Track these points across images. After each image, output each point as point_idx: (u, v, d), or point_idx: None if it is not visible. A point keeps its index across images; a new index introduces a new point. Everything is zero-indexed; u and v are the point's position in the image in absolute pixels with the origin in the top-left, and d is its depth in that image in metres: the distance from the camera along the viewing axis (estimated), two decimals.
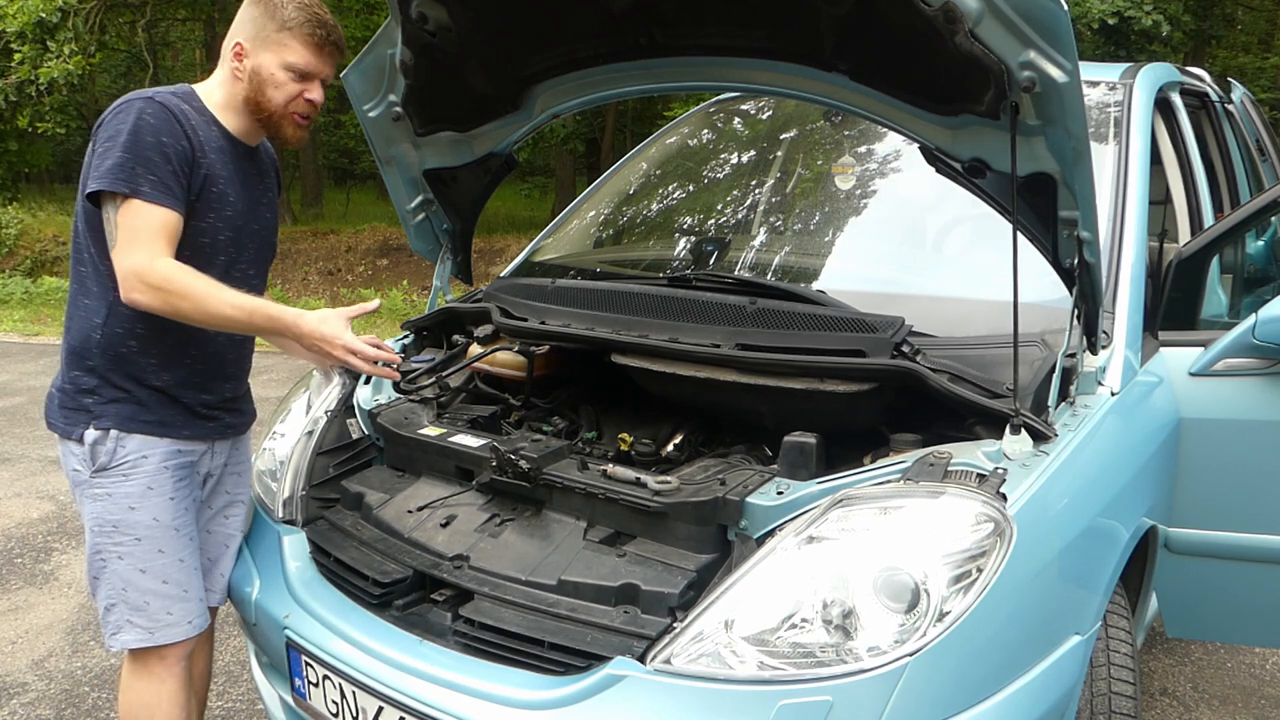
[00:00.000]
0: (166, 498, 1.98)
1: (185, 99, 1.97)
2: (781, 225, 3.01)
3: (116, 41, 12.44)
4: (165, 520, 1.97)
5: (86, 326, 1.96)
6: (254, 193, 2.09)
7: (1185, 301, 2.44)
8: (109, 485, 1.95)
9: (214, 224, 1.98)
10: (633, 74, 2.19)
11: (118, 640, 1.99)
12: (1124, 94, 2.70)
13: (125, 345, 1.95)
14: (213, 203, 1.97)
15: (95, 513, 1.96)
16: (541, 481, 1.87)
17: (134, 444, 1.95)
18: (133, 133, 1.84)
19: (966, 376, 1.80)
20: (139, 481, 1.95)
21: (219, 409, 2.10)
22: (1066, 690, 1.69)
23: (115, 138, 1.84)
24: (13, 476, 4.95)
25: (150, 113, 1.86)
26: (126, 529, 1.95)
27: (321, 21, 2.00)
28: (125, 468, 1.95)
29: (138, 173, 1.82)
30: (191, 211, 1.93)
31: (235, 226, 2.02)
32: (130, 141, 1.83)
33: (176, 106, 1.91)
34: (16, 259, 12.73)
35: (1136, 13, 8.89)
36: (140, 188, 1.83)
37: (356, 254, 12.93)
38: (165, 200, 1.85)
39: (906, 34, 1.67)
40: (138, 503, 1.95)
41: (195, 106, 1.98)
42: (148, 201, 1.83)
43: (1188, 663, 3.20)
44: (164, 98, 1.92)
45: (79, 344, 1.97)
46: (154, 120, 1.86)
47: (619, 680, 1.52)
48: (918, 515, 1.56)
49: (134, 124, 1.84)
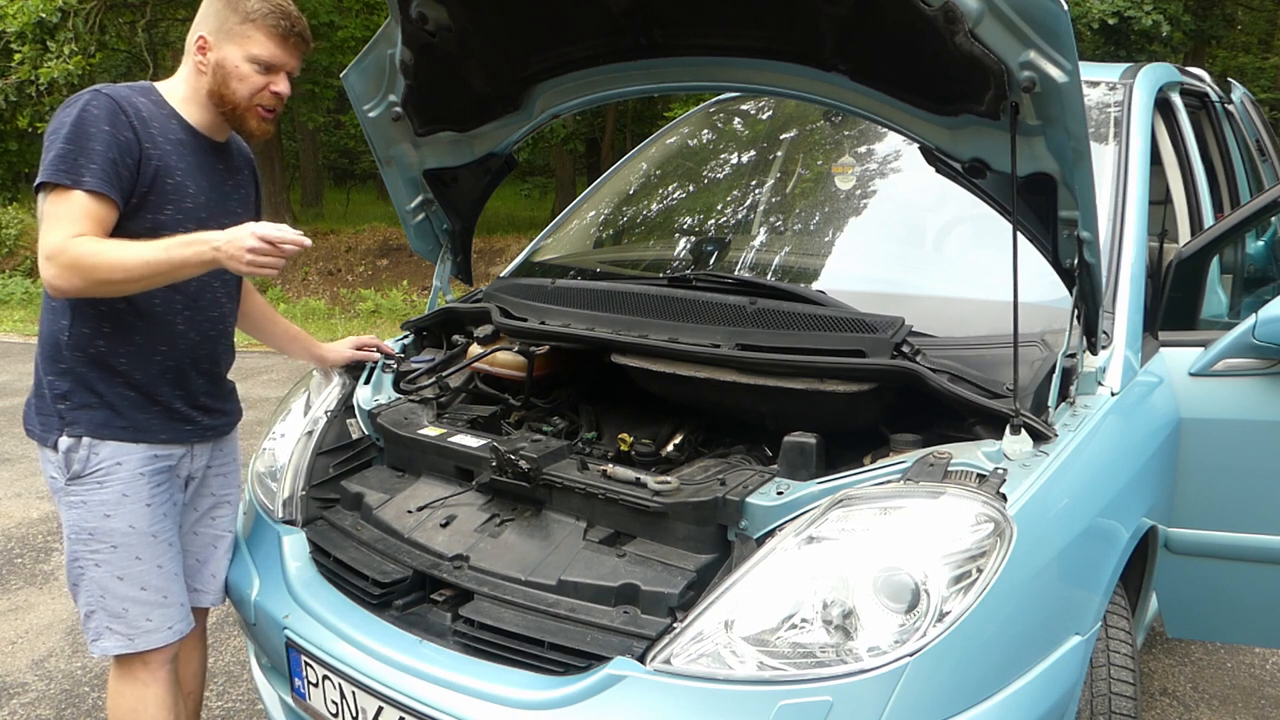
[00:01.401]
0: (142, 504, 1.96)
1: (141, 93, 1.96)
2: (781, 225, 3.01)
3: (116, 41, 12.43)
4: (141, 527, 1.96)
5: (55, 329, 1.95)
6: (222, 188, 2.07)
7: (1185, 301, 2.44)
8: (84, 493, 1.94)
9: (173, 216, 1.94)
10: (633, 74, 2.19)
11: (98, 647, 1.99)
12: (1124, 94, 2.70)
13: (94, 345, 1.93)
14: (170, 194, 1.94)
15: (72, 520, 1.96)
16: (541, 481, 1.86)
17: (107, 451, 1.94)
18: (75, 124, 1.82)
19: (966, 376, 1.80)
20: (114, 489, 1.94)
21: (197, 409, 2.07)
22: (1066, 690, 1.69)
23: (59, 130, 1.83)
24: (13, 476, 4.95)
25: (95, 104, 1.85)
26: (103, 536, 1.94)
27: (285, 13, 1.98)
28: (99, 475, 1.93)
29: (79, 163, 1.81)
30: (145, 204, 1.90)
31: (199, 219, 1.99)
32: (72, 133, 1.82)
33: (125, 99, 1.90)
34: (17, 259, 12.75)
35: (1136, 13, 8.89)
36: (82, 178, 1.80)
37: (356, 254, 12.93)
38: (100, 187, 1.82)
39: (906, 34, 1.67)
40: (113, 510, 1.94)
41: (153, 100, 1.97)
42: (85, 190, 1.80)
43: (1188, 663, 3.20)
44: (111, 90, 1.90)
45: (50, 348, 1.96)
46: (96, 111, 1.84)
47: (619, 680, 1.52)
48: (918, 515, 1.56)
49: (77, 116, 1.83)
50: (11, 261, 12.68)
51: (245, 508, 2.33)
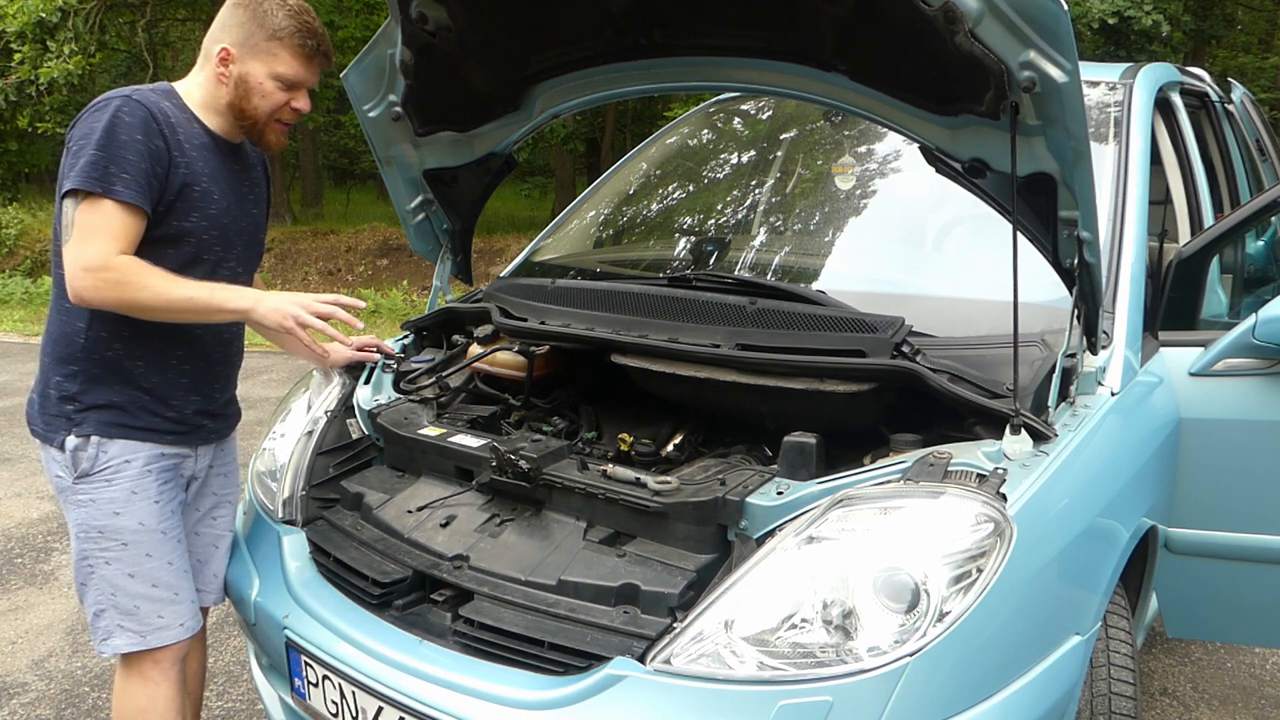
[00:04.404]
0: (151, 501, 1.97)
1: (165, 97, 1.95)
2: (781, 225, 3.01)
3: (116, 41, 12.44)
4: (151, 524, 1.96)
5: (69, 331, 1.94)
6: (240, 189, 2.07)
7: (1185, 301, 2.44)
8: (92, 491, 1.93)
9: (198, 223, 1.95)
10: (633, 74, 2.19)
11: (108, 645, 1.98)
12: (1124, 94, 2.70)
13: (111, 349, 1.93)
14: (196, 202, 1.94)
15: (80, 519, 1.95)
16: (541, 481, 1.86)
17: (116, 449, 1.94)
18: (107, 130, 1.80)
19: (966, 376, 1.80)
20: (122, 486, 1.94)
21: (205, 415, 2.08)
22: (1066, 690, 1.69)
23: (89, 135, 1.81)
24: (13, 476, 4.95)
25: (127, 110, 1.83)
26: (112, 534, 1.94)
27: (312, 31, 1.97)
28: (108, 473, 1.93)
29: (111, 171, 1.79)
30: (172, 212, 1.90)
31: (221, 225, 2.00)
32: (104, 139, 1.80)
33: (155, 105, 1.88)
34: (17, 259, 12.74)
35: (1136, 13, 8.90)
36: (113, 186, 1.79)
37: (356, 254, 12.93)
38: (135, 199, 1.81)
39: (906, 34, 1.67)
40: (122, 508, 1.94)
41: (175, 104, 1.96)
42: (117, 200, 1.80)
43: (1188, 663, 3.20)
44: (142, 95, 1.89)
45: (62, 348, 1.95)
46: (129, 118, 1.83)
47: (619, 680, 1.52)
48: (918, 515, 1.55)
49: (109, 121, 1.81)
50: (11, 261, 12.67)
51: (245, 507, 2.33)
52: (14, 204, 14.38)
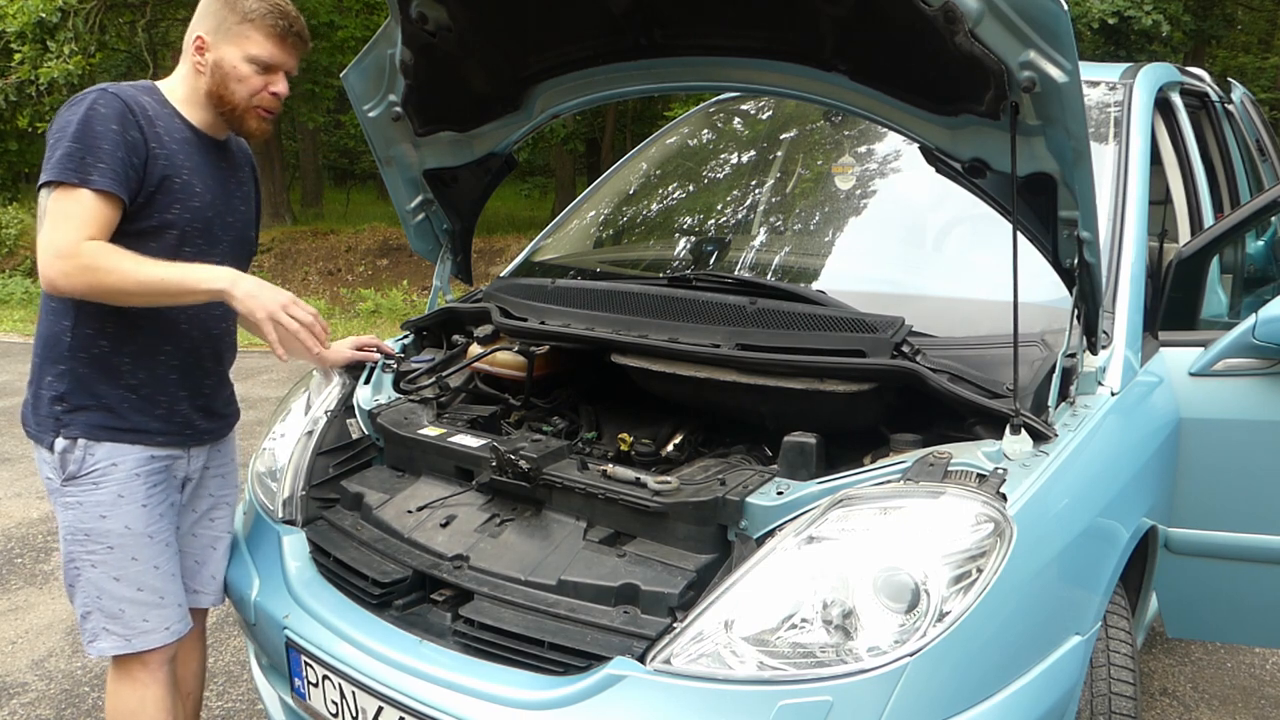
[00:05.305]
0: (138, 505, 1.96)
1: (145, 92, 1.95)
2: (781, 225, 3.01)
3: (116, 41, 12.44)
4: (137, 528, 1.96)
5: (56, 329, 1.94)
6: (226, 185, 2.07)
7: (1185, 301, 2.44)
8: (79, 494, 1.93)
9: (180, 215, 1.94)
10: (633, 74, 2.19)
11: (95, 648, 1.98)
12: (1124, 94, 2.70)
13: (97, 345, 1.93)
14: (177, 194, 1.93)
15: (68, 521, 1.95)
16: (541, 481, 1.86)
17: (103, 452, 1.93)
18: (83, 122, 1.81)
19: (966, 376, 1.80)
20: (109, 490, 1.93)
21: (198, 412, 2.07)
22: (1066, 690, 1.69)
23: (65, 128, 1.81)
24: (13, 476, 4.95)
25: (102, 103, 1.84)
26: (99, 537, 1.94)
27: (283, 12, 1.98)
28: (95, 476, 1.93)
29: (87, 162, 1.79)
30: (152, 204, 1.90)
31: (205, 218, 1.99)
32: (80, 131, 1.80)
33: (132, 98, 1.89)
34: (17, 259, 12.75)
35: (1136, 13, 8.90)
36: (89, 176, 1.79)
37: (356, 254, 12.93)
38: (111, 187, 1.81)
39: (906, 34, 1.67)
40: (109, 511, 1.93)
41: (156, 99, 1.96)
42: (94, 189, 1.79)
43: (1188, 663, 3.20)
44: (119, 89, 1.89)
45: (50, 348, 1.95)
46: (105, 110, 1.83)
47: (619, 680, 1.52)
48: (918, 515, 1.56)
49: (85, 114, 1.82)
50: (11, 261, 12.68)
51: (245, 508, 2.33)
52: (14, 204, 14.39)
